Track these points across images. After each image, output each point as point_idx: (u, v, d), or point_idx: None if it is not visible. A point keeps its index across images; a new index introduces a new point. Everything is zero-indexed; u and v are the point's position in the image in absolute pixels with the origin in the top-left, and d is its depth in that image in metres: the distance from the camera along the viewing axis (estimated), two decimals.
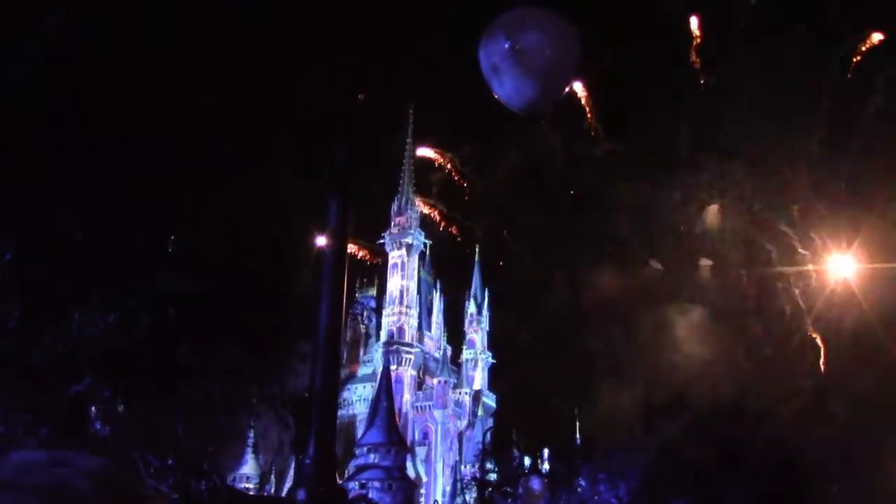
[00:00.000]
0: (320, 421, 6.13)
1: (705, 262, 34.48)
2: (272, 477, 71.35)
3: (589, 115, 35.39)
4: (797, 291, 33.55)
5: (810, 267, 33.11)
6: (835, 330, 33.03)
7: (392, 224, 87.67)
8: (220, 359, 16.09)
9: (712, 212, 34.32)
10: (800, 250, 33.12)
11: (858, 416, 35.09)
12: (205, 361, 15.54)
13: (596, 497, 40.90)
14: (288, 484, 59.71)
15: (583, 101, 34.93)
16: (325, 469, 5.96)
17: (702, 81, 34.70)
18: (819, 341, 33.17)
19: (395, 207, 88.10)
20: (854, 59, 31.97)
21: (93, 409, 16.18)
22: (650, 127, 36.18)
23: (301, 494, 6.13)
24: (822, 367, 34.47)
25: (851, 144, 32.36)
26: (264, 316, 19.58)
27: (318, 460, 6.14)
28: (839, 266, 32.44)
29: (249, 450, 67.69)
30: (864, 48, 31.84)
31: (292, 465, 58.41)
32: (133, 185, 16.55)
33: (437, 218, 63.75)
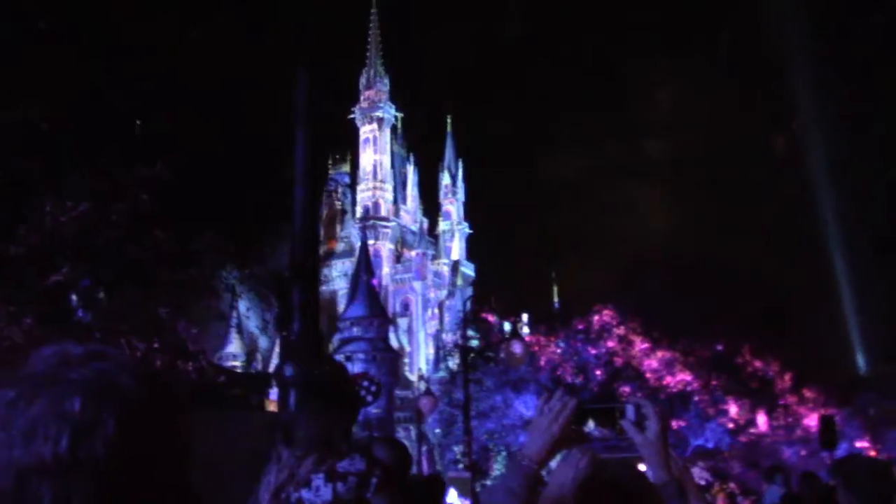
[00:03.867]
0: (302, 295, 6.17)
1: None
2: (258, 355, 72.65)
3: None
4: None
5: None
6: None
7: (361, 98, 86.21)
8: (198, 241, 16.06)
9: None
10: None
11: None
12: (182, 245, 15.51)
13: (575, 357, 42.01)
14: (274, 361, 60.86)
15: None
16: (311, 343, 6.04)
17: None
18: None
19: (363, 81, 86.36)
20: None
21: (73, 297, 16.21)
22: None
23: (288, 370, 6.21)
24: None
25: None
26: (243, 196, 19.43)
27: (303, 335, 6.21)
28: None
29: (233, 329, 68.59)
30: None
31: (277, 343, 59.32)
32: (98, 71, 16.07)
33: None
